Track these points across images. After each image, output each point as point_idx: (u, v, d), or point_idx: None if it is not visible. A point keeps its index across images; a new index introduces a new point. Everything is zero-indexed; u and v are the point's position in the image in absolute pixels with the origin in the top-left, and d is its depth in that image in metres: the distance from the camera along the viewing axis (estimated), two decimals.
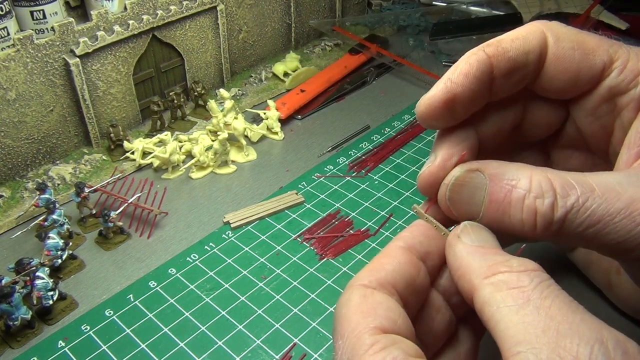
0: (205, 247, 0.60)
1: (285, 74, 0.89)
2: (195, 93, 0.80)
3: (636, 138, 0.36)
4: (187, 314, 0.53)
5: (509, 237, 0.39)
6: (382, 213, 0.64)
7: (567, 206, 0.31)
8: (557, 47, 0.36)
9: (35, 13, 0.66)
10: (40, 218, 0.60)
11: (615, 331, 0.27)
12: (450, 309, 0.36)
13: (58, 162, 0.71)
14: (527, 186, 0.32)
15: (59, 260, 0.55)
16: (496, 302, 0.29)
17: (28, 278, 0.51)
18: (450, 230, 0.35)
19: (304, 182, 0.69)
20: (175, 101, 0.77)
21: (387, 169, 0.71)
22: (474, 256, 0.32)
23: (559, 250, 0.53)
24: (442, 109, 0.35)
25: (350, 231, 0.61)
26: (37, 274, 0.51)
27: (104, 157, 0.72)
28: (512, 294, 0.29)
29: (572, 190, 0.31)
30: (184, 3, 0.75)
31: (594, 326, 0.27)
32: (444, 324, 0.36)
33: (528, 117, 0.40)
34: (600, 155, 0.41)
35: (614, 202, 0.31)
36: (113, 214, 0.59)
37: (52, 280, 0.52)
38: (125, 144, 0.71)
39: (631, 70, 0.37)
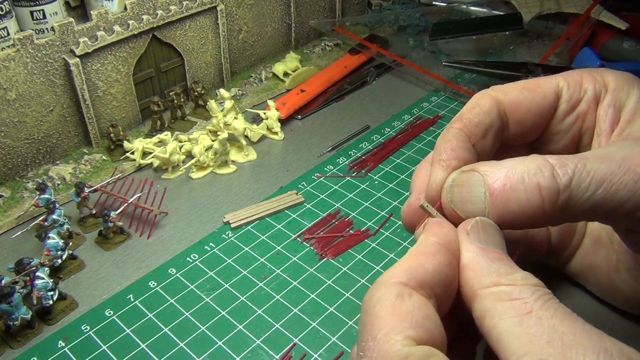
0: (205, 247, 0.60)
1: (285, 74, 0.89)
2: (195, 93, 0.80)
3: (602, 126, 0.41)
4: (187, 314, 0.53)
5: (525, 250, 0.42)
6: (382, 213, 0.64)
7: (570, 173, 0.33)
8: (508, 98, 0.41)
9: (35, 13, 0.66)
10: (40, 218, 0.60)
11: (617, 341, 0.27)
12: (453, 314, 0.36)
13: (58, 162, 0.71)
14: (522, 169, 0.33)
15: (59, 260, 0.55)
16: (498, 312, 0.29)
17: (28, 278, 0.51)
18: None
19: (304, 182, 0.69)
20: (175, 101, 0.77)
21: (387, 169, 0.71)
22: (479, 260, 0.32)
23: (553, 265, 0.52)
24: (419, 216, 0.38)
25: (350, 231, 0.61)
26: (37, 274, 0.51)
27: (104, 157, 0.72)
28: (513, 305, 0.29)
29: (568, 160, 0.33)
30: (184, 3, 0.75)
31: (596, 337, 0.27)
32: (447, 330, 0.36)
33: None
34: None
35: (611, 161, 0.33)
36: (113, 214, 0.59)
37: (52, 280, 0.52)
38: (125, 144, 0.71)
39: (575, 82, 0.42)
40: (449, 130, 0.40)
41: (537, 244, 0.49)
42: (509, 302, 0.29)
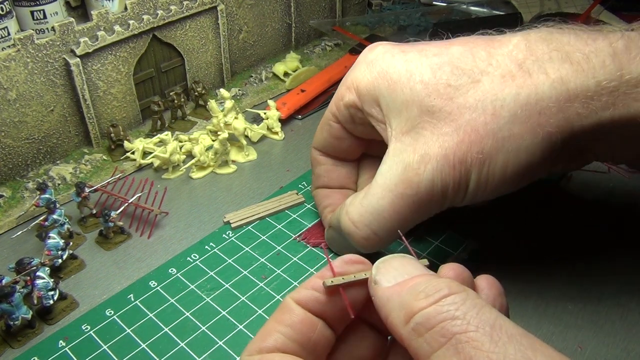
0: (206, 247, 0.60)
1: (286, 74, 0.89)
2: (196, 93, 0.80)
3: (377, 128, 0.50)
4: (187, 313, 0.53)
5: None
6: None
7: (369, 231, 0.49)
8: (320, 148, 0.60)
9: (35, 13, 0.66)
10: (41, 218, 0.60)
11: (547, 346, 0.26)
12: (378, 332, 0.35)
13: (58, 162, 0.71)
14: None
15: (60, 260, 0.55)
16: (424, 350, 0.28)
17: (29, 278, 0.51)
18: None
19: (304, 182, 0.69)
20: (176, 101, 0.77)
21: None
22: (393, 301, 0.30)
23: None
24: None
25: None
26: (38, 273, 0.51)
27: (104, 157, 0.72)
28: (433, 336, 0.27)
29: (360, 222, 0.50)
30: (184, 3, 0.75)
31: (522, 346, 0.26)
32: (372, 349, 0.35)
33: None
34: None
35: (388, 194, 0.47)
36: (113, 214, 0.59)
37: (52, 280, 0.52)
38: (126, 143, 0.71)
39: (339, 103, 0.54)
40: (314, 193, 0.61)
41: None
42: (428, 333, 0.28)
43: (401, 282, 0.31)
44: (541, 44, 0.45)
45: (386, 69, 0.49)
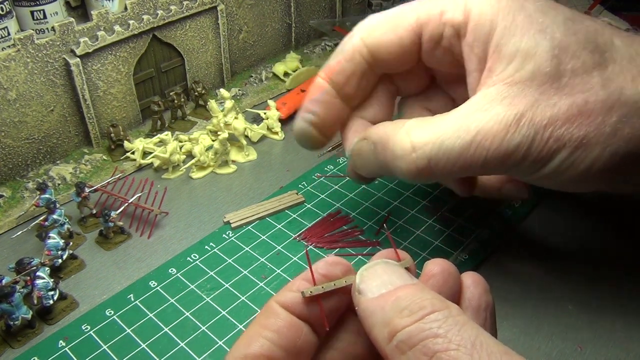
0: (206, 247, 0.60)
1: (286, 74, 0.89)
2: (196, 93, 0.80)
3: (469, 66, 0.45)
4: (187, 313, 0.53)
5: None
6: (382, 213, 0.64)
7: (426, 157, 0.44)
8: (370, 40, 0.49)
9: (35, 13, 0.66)
10: (41, 218, 0.60)
11: None
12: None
13: (58, 162, 0.71)
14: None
15: (60, 260, 0.55)
16: None
17: (29, 278, 0.51)
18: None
19: (304, 182, 0.69)
20: (176, 101, 0.77)
21: None
22: (376, 315, 0.30)
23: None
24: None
25: (349, 230, 0.61)
26: (38, 273, 0.51)
27: (104, 157, 0.72)
28: (415, 354, 0.27)
29: (427, 144, 0.44)
30: (184, 3, 0.75)
31: None
32: (358, 346, 0.35)
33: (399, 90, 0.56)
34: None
35: (466, 135, 0.42)
36: (113, 214, 0.59)
37: (52, 280, 0.52)
38: (126, 143, 0.71)
39: (435, 17, 0.46)
40: (316, 79, 0.49)
41: None
42: (410, 352, 0.28)
43: (385, 294, 0.30)
44: None
45: (517, 8, 0.43)
